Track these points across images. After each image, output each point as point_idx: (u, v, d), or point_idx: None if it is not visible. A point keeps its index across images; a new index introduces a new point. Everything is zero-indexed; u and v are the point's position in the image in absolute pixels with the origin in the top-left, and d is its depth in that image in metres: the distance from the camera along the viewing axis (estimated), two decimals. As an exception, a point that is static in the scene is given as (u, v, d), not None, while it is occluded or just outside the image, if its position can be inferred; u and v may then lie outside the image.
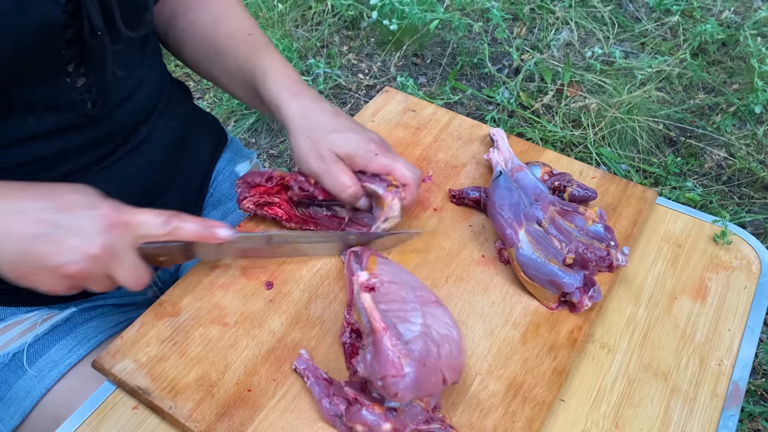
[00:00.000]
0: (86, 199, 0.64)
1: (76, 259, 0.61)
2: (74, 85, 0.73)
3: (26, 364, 0.81)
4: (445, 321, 0.66)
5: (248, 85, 0.85)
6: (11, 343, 0.82)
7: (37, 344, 0.82)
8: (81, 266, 0.62)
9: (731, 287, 0.80)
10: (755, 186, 1.85)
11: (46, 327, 0.83)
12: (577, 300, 0.71)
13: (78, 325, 0.85)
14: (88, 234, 0.62)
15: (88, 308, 0.87)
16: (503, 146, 0.88)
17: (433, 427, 0.63)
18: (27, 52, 0.66)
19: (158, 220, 0.66)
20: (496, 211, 0.77)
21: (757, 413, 1.40)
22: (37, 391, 0.80)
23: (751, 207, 1.79)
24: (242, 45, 0.86)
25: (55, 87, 0.71)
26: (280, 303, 0.75)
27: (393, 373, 0.58)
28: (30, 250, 0.61)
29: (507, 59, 2.24)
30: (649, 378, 0.71)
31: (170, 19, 0.91)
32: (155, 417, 0.68)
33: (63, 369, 0.81)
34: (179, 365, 0.70)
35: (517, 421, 0.65)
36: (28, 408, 0.80)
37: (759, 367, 1.50)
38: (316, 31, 2.32)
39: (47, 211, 0.61)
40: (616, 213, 0.85)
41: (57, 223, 0.61)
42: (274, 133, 2.05)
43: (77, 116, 0.74)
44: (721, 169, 1.89)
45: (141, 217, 0.65)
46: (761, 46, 2.01)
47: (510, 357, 0.70)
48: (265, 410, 0.66)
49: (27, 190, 0.63)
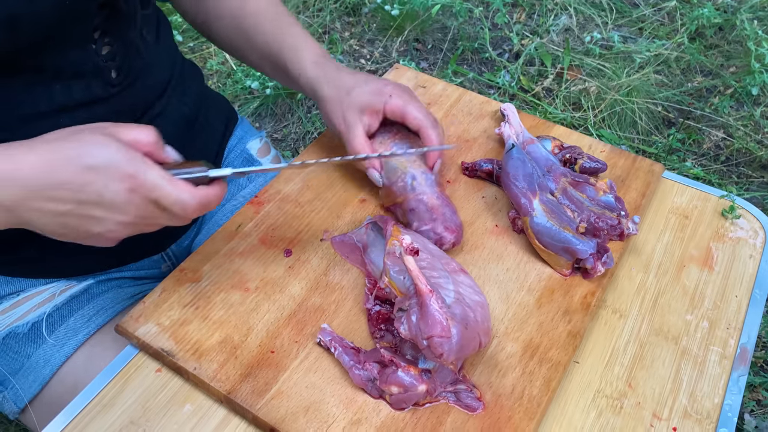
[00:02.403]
0: (100, 164, 0.60)
1: (113, 229, 0.62)
2: (99, 51, 0.74)
3: (45, 333, 0.82)
4: (473, 287, 0.68)
5: (276, 62, 0.87)
6: (30, 313, 0.83)
7: (55, 314, 0.83)
8: (121, 233, 0.62)
9: (737, 257, 0.82)
10: (753, 165, 1.87)
11: (64, 298, 0.85)
12: (591, 266, 0.73)
13: (95, 296, 0.86)
14: (116, 207, 0.60)
15: (104, 280, 0.89)
16: (514, 120, 0.90)
17: (459, 387, 0.65)
18: (64, 12, 0.67)
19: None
20: (510, 181, 0.78)
21: (758, 383, 1.43)
22: (57, 359, 0.81)
23: (749, 186, 1.82)
24: (267, 23, 0.88)
25: (83, 52, 0.72)
26: (299, 269, 0.77)
27: (440, 333, 0.59)
28: (68, 225, 0.61)
29: (507, 44, 2.25)
30: (659, 341, 0.73)
31: (199, 0, 0.93)
32: (178, 379, 0.69)
33: (82, 338, 0.82)
34: (202, 328, 0.71)
35: (535, 380, 0.66)
36: (47, 376, 0.81)
37: (759, 340, 1.54)
38: (317, 18, 2.32)
39: (69, 191, 0.59)
40: (625, 185, 0.87)
41: (81, 200, 0.60)
42: (278, 117, 2.06)
43: (102, 85, 0.75)
44: (719, 150, 1.92)
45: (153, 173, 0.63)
46: (757, 29, 2.04)
47: (526, 320, 0.72)
48: (288, 371, 0.67)
49: (37, 165, 0.60)
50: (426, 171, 0.80)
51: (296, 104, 2.07)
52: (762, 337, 1.53)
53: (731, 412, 0.67)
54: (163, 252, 0.94)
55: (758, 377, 1.43)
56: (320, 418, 0.64)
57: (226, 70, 2.13)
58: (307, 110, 2.06)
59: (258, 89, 2.05)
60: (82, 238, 0.63)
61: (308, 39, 0.86)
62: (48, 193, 0.59)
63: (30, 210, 0.59)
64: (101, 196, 0.59)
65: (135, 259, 0.92)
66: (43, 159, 0.59)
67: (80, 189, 0.59)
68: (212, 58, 2.17)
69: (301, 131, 2.01)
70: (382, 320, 0.68)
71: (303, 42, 0.86)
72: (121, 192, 0.59)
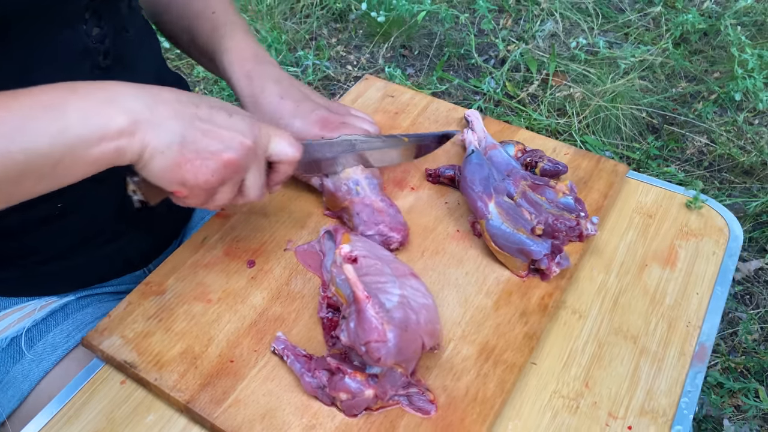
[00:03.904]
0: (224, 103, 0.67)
1: (234, 147, 0.64)
2: (90, 32, 0.73)
3: (24, 348, 0.83)
4: (422, 291, 0.69)
5: (213, 64, 0.88)
6: (9, 328, 0.84)
7: (35, 329, 0.84)
8: (237, 155, 0.64)
9: (700, 253, 0.83)
10: (735, 171, 1.88)
11: (44, 313, 0.85)
12: (546, 267, 0.74)
13: (75, 311, 0.87)
14: (240, 129, 0.65)
15: (85, 296, 0.89)
16: (477, 126, 0.91)
17: (411, 391, 0.65)
18: None
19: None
20: (468, 185, 0.79)
21: (737, 389, 1.42)
22: (36, 374, 0.82)
23: (731, 191, 1.82)
24: (206, 23, 0.87)
25: (75, 31, 0.72)
26: (262, 280, 0.78)
27: (376, 338, 0.60)
28: (194, 134, 0.62)
29: (493, 50, 2.27)
30: (618, 341, 0.74)
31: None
32: (142, 390, 0.70)
33: (61, 353, 0.83)
34: (164, 340, 0.72)
35: (489, 382, 0.67)
36: (26, 391, 0.82)
37: (739, 345, 1.53)
38: (304, 24, 2.35)
39: (201, 105, 0.64)
40: (588, 186, 0.88)
41: (212, 117, 0.64)
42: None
43: (89, 68, 0.75)
44: (702, 155, 1.92)
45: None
46: (741, 35, 2.04)
47: (482, 323, 0.72)
48: (246, 379, 0.68)
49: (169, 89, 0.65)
50: (369, 176, 0.81)
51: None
52: (742, 342, 1.53)
53: (687, 409, 0.68)
54: (145, 267, 0.95)
55: (738, 383, 1.43)
56: (276, 425, 0.64)
57: (213, 77, 2.15)
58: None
59: (244, 96, 2.07)
60: (194, 159, 0.62)
61: (238, 41, 0.85)
62: (182, 96, 0.63)
63: (162, 105, 0.61)
64: (230, 112, 0.65)
65: (117, 275, 0.93)
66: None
67: (213, 101, 0.65)
68: (199, 65, 2.20)
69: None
70: (334, 327, 0.69)
71: (231, 46, 0.84)
72: (246, 119, 0.66)
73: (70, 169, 0.59)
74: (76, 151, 0.57)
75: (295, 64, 2.17)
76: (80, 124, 0.57)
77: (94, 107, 0.59)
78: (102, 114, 0.58)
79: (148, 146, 0.60)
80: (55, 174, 0.58)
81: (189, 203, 0.67)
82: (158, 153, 0.61)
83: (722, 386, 1.43)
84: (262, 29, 2.23)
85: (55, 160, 0.57)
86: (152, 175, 0.63)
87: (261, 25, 2.24)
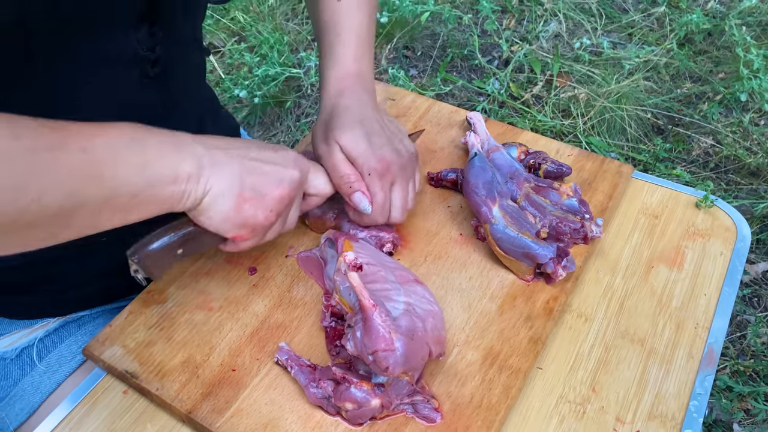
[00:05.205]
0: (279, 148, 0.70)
1: (286, 180, 0.67)
2: (142, 39, 0.71)
3: (36, 359, 0.83)
4: (427, 297, 0.68)
5: (321, 42, 0.85)
6: (21, 339, 0.83)
7: (46, 339, 0.83)
8: (290, 188, 0.67)
9: (707, 254, 0.82)
10: (742, 172, 1.86)
11: (56, 324, 0.85)
12: (552, 270, 0.73)
13: (87, 322, 0.86)
14: (288, 163, 0.68)
15: (97, 311, 0.89)
16: (480, 129, 0.90)
17: (416, 399, 0.64)
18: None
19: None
20: (471, 189, 0.78)
21: (746, 393, 1.41)
22: (47, 386, 0.81)
23: (738, 193, 1.80)
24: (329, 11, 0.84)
25: (126, 38, 0.70)
26: (264, 287, 0.77)
27: (384, 347, 0.60)
28: (248, 174, 0.64)
29: (497, 51, 2.26)
30: (625, 344, 0.72)
31: None
32: (144, 400, 0.70)
33: (74, 365, 0.82)
34: (166, 349, 0.71)
35: (494, 388, 0.66)
36: (37, 403, 0.81)
37: (747, 349, 1.51)
38: (306, 24, 2.34)
39: (249, 147, 0.67)
40: (592, 188, 0.87)
41: (260, 156, 0.66)
42: (267, 125, 2.08)
43: (138, 76, 0.73)
44: (708, 156, 1.91)
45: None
46: (746, 35, 2.02)
47: (487, 328, 0.71)
48: (249, 388, 0.67)
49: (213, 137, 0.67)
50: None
51: (285, 113, 2.08)
52: (751, 346, 1.51)
53: (697, 413, 0.66)
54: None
55: (747, 386, 1.41)
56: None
57: (215, 78, 2.15)
58: (296, 119, 2.08)
59: (246, 98, 2.06)
60: (251, 199, 0.65)
61: (347, 49, 0.82)
62: (228, 140, 0.66)
63: (216, 150, 0.63)
64: (274, 149, 0.68)
65: (130, 293, 0.91)
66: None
67: (253, 142, 0.69)
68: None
69: (290, 140, 2.03)
70: (338, 336, 0.68)
71: (341, 51, 0.82)
72: (290, 152, 0.69)
73: (144, 204, 0.59)
74: (154, 187, 0.58)
75: (297, 66, 2.16)
76: (158, 163, 0.59)
77: (168, 148, 0.60)
78: (174, 156, 0.60)
79: (210, 190, 0.62)
80: (130, 208, 0.58)
81: (242, 247, 0.69)
82: (219, 197, 0.63)
83: (731, 390, 1.41)
84: (263, 30, 2.23)
85: (134, 194, 0.57)
86: (212, 222, 0.64)
87: (263, 26, 2.23)
